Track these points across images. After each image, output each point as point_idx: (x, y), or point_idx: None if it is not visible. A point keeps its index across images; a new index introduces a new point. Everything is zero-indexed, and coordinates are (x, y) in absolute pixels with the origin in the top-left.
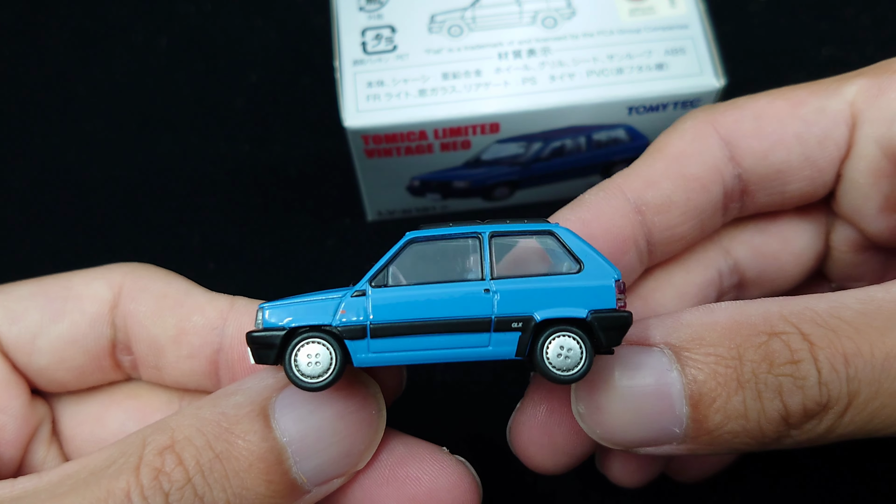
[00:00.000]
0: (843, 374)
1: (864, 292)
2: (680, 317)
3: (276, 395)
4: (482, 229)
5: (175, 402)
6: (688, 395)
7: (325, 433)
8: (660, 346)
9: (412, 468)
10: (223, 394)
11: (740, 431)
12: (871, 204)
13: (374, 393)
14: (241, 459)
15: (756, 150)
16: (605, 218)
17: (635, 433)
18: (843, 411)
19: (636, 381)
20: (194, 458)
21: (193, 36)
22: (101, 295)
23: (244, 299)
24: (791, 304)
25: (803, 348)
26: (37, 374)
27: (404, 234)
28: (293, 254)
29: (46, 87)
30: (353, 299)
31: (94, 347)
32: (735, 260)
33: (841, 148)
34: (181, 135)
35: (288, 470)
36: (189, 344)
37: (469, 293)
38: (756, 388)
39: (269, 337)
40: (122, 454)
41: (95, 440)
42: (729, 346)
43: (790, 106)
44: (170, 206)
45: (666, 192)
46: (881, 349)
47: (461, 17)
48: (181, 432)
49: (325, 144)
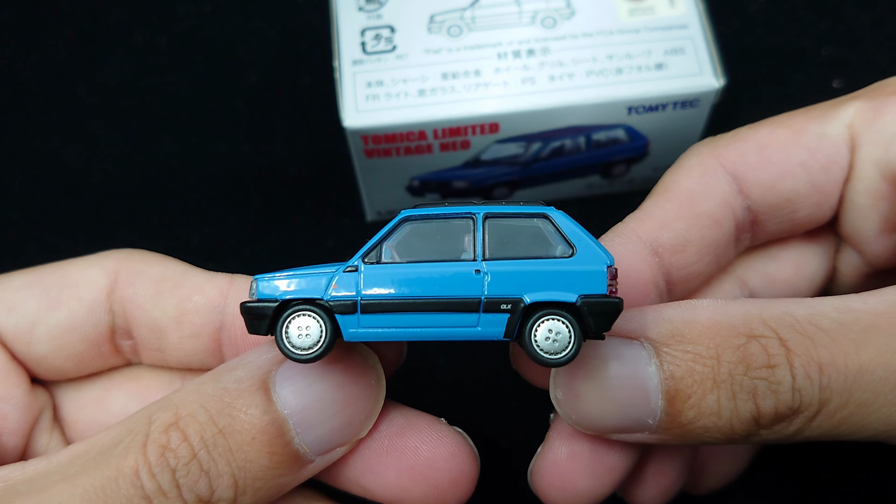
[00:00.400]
0: (816, 382)
1: (841, 301)
2: (662, 311)
3: (276, 369)
4: (477, 210)
5: (177, 382)
6: (664, 390)
7: (325, 404)
8: (640, 340)
9: (411, 438)
10: (224, 369)
11: (711, 427)
12: (871, 225)
13: (372, 364)
14: (243, 433)
15: (763, 181)
16: (625, 264)
17: (610, 421)
18: (813, 416)
19: (615, 371)
20: (199, 434)
21: (193, 36)
22: (97, 281)
23: (243, 276)
24: (771, 307)
25: (780, 353)
26: (36, 363)
27: (400, 214)
28: (293, 254)
29: (46, 87)
30: (345, 274)
31: (92, 334)
32: (750, 290)
33: (844, 171)
34: (181, 135)
35: (290, 441)
36: (191, 324)
37: (459, 273)
38: (731, 388)
39: (261, 308)
40: (128, 432)
41: (97, 423)
42: (708, 346)
43: (792, 134)
44: (169, 206)
45: (681, 232)
46: (855, 361)
47: (460, 17)
48: (185, 408)
49: (324, 144)
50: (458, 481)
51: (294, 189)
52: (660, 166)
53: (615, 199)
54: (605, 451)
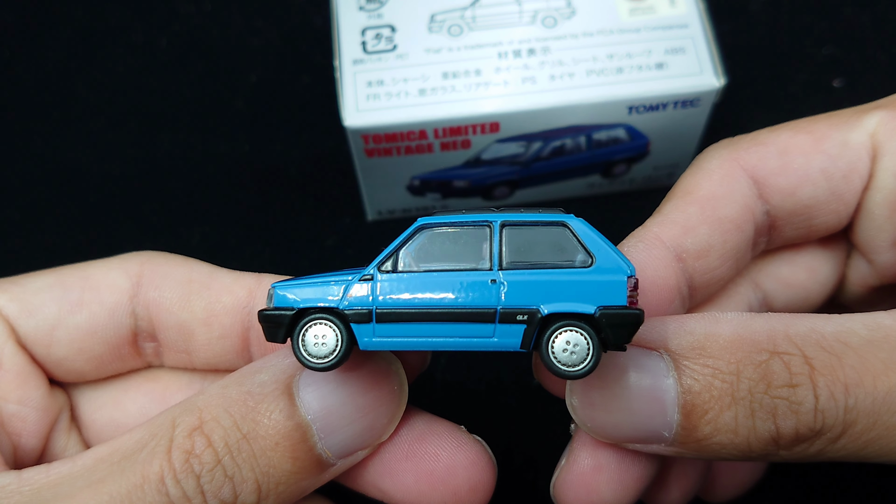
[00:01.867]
0: (841, 404)
1: (871, 318)
2: (685, 322)
3: (299, 373)
4: (494, 218)
5: (196, 384)
6: (680, 404)
7: (348, 409)
8: (659, 351)
9: (431, 445)
10: (248, 372)
11: (727, 444)
12: (885, 236)
13: (395, 369)
14: (267, 438)
15: (784, 187)
16: (650, 270)
17: (625, 432)
18: (837, 438)
19: (632, 381)
20: (223, 440)
21: (193, 36)
22: (119, 284)
23: (270, 276)
24: (798, 323)
25: (803, 372)
26: (55, 366)
27: (416, 222)
28: (293, 253)
29: (46, 87)
30: (361, 283)
31: (113, 337)
32: (764, 293)
33: (864, 180)
34: (181, 134)
35: (313, 446)
36: (220, 325)
37: (475, 283)
38: (750, 406)
39: (278, 316)
40: (152, 436)
41: (115, 425)
42: (728, 361)
43: (813, 141)
44: (170, 206)
45: (704, 238)
46: (884, 383)
47: (461, 16)
48: (209, 412)
49: (325, 144)
50: (476, 489)
51: (294, 188)
52: (660, 165)
53: (616, 198)
54: (631, 461)
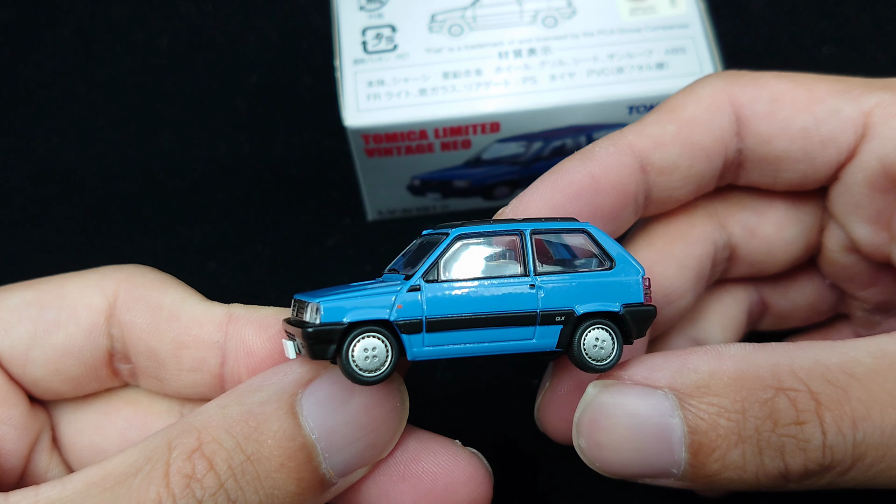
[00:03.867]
0: (849, 439)
1: (875, 345)
2: (688, 360)
3: (301, 391)
4: (524, 227)
5: (176, 410)
6: (687, 443)
7: (352, 428)
8: (664, 390)
9: (427, 463)
10: (248, 389)
11: (737, 479)
12: (862, 213)
13: (397, 386)
14: (271, 459)
15: (762, 132)
16: (614, 174)
17: (634, 469)
18: (846, 471)
19: (638, 422)
20: (226, 462)
21: (194, 35)
22: (95, 304)
23: (240, 308)
24: (802, 356)
25: (809, 409)
26: (32, 385)
27: (449, 234)
28: (293, 253)
29: (46, 87)
30: (408, 294)
31: (90, 359)
32: (729, 235)
33: (842, 153)
34: (182, 134)
35: (318, 466)
36: (190, 358)
37: (516, 289)
38: (757, 444)
39: (329, 332)
40: (147, 460)
41: (95, 449)
42: (734, 399)
43: (808, 99)
44: (170, 206)
45: (672, 157)
46: (892, 415)
47: (462, 16)
48: (209, 433)
49: (325, 144)
50: (476, 503)
51: (295, 188)
52: None
53: None
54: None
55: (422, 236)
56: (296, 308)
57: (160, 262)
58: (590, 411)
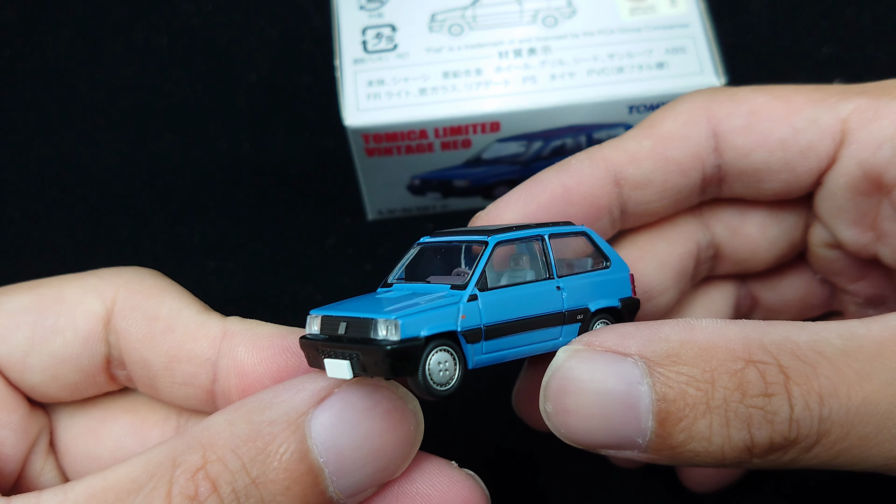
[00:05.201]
0: (816, 414)
1: (846, 327)
2: (659, 329)
3: (312, 411)
4: (542, 232)
5: (173, 419)
6: (655, 411)
7: (363, 452)
8: (634, 357)
9: (421, 485)
10: (257, 406)
11: (701, 452)
12: (846, 216)
13: (413, 409)
14: (277, 482)
15: (740, 147)
16: (586, 187)
17: (598, 438)
18: (810, 448)
19: (606, 388)
20: (230, 485)
21: (194, 34)
22: (93, 310)
23: (237, 323)
24: (772, 331)
25: (778, 382)
26: (30, 390)
27: (488, 242)
28: (293, 252)
29: (46, 86)
30: (469, 304)
31: (87, 365)
32: (713, 235)
33: (822, 160)
34: (181, 134)
35: (325, 490)
36: (182, 372)
37: (547, 291)
38: (725, 415)
39: (411, 348)
40: (150, 476)
41: (91, 456)
42: (703, 369)
43: (786, 111)
44: (170, 205)
45: (646, 172)
46: (858, 393)
47: (462, 15)
48: (214, 452)
49: (325, 143)
50: None
51: (295, 188)
52: None
53: None
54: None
55: (418, 245)
56: (328, 325)
57: (160, 261)
58: (558, 376)
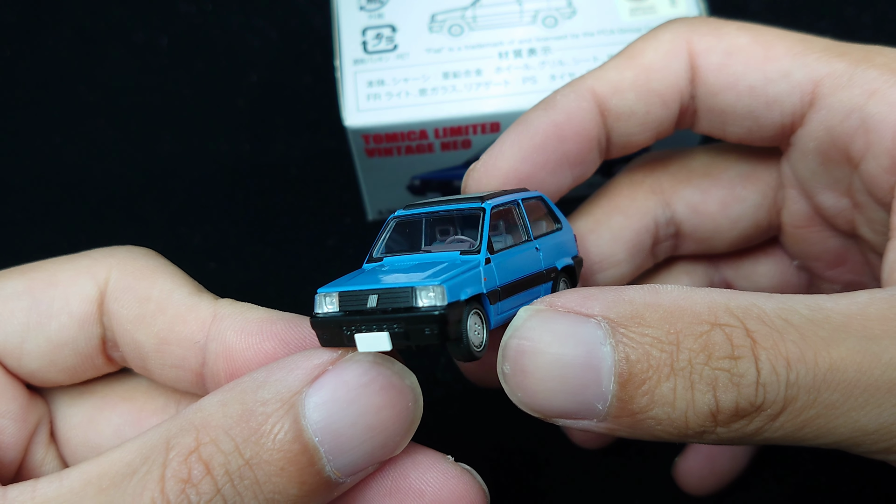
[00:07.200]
0: (783, 378)
1: (813, 300)
2: (624, 292)
3: (305, 389)
4: (517, 197)
5: (171, 406)
6: (617, 373)
7: (359, 429)
8: (597, 318)
9: (415, 479)
10: (250, 386)
11: (664, 419)
12: (821, 180)
13: (410, 384)
14: (272, 463)
15: (711, 84)
16: (576, 121)
17: (557, 403)
18: (776, 415)
19: (567, 349)
20: (223, 467)
21: (194, 35)
22: (87, 292)
23: (228, 306)
24: (739, 298)
25: (745, 345)
26: (29, 376)
27: (485, 208)
28: (294, 253)
29: (46, 87)
30: (486, 266)
31: (84, 348)
32: (673, 213)
33: (786, 116)
34: (182, 134)
35: (321, 469)
36: (172, 354)
37: (531, 253)
38: (689, 377)
39: (459, 312)
40: (144, 459)
41: (91, 445)
42: (668, 331)
43: (763, 58)
44: (170, 206)
45: (629, 104)
46: (825, 359)
47: (462, 16)
48: (207, 434)
49: (325, 144)
50: None
51: (295, 188)
52: None
53: None
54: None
55: (393, 218)
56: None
57: None
58: (518, 335)
